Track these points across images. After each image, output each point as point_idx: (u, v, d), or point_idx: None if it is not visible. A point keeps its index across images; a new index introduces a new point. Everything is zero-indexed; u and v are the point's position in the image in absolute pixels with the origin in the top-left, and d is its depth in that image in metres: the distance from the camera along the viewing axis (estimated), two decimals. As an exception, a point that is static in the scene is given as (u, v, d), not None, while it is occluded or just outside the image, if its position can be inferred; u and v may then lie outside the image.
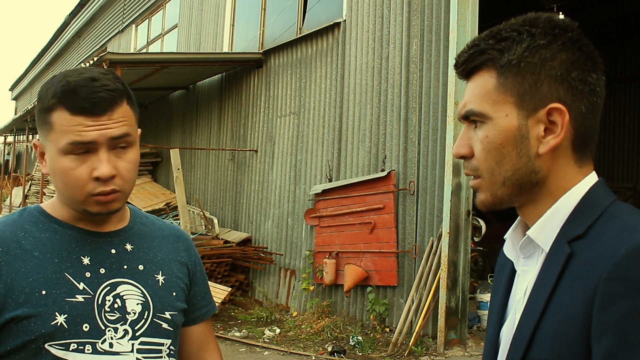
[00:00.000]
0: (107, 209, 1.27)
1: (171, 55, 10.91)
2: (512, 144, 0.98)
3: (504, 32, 1.00)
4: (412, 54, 6.82)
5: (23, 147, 22.79)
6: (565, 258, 0.94)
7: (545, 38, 0.97)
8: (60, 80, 1.24)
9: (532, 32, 0.97)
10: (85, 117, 1.21)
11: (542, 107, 0.97)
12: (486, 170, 1.01)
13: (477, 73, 1.02)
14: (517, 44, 0.97)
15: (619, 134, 12.91)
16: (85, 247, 1.29)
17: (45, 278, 1.22)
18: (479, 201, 1.06)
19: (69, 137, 1.21)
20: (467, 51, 1.03)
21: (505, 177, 1.00)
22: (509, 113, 0.98)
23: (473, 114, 1.01)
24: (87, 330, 1.23)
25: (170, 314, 1.35)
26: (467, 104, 1.02)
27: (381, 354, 6.21)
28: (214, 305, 1.55)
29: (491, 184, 1.02)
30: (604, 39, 12.83)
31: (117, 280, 1.30)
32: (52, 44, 24.62)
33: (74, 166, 1.22)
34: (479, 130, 1.01)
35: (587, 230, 0.94)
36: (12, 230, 1.27)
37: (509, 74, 0.98)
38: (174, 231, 1.50)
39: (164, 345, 1.34)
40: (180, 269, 1.43)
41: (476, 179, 1.04)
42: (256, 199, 9.45)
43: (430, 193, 6.47)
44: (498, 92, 0.98)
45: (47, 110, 1.23)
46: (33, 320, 1.20)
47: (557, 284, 0.94)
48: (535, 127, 0.97)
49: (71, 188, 1.24)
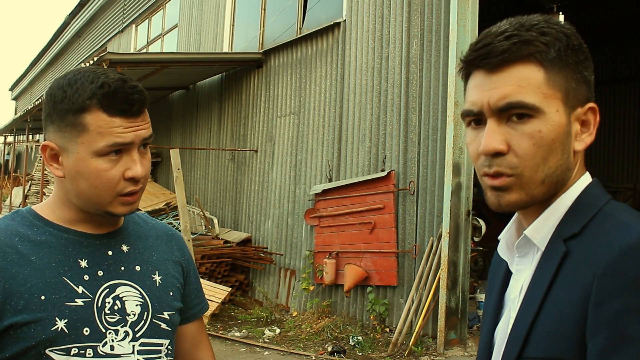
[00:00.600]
0: (131, 210, 1.28)
1: (171, 55, 10.91)
2: (561, 140, 0.96)
3: (542, 26, 0.97)
4: (412, 54, 6.82)
5: (23, 147, 22.80)
6: (561, 256, 0.94)
7: (576, 41, 0.98)
8: (91, 80, 1.21)
9: (565, 32, 0.97)
10: (123, 119, 1.21)
11: (580, 105, 0.98)
12: (530, 167, 0.95)
13: (514, 64, 0.95)
14: (558, 40, 0.96)
15: (619, 134, 12.91)
16: (82, 250, 1.28)
17: (43, 283, 1.21)
18: (509, 201, 0.98)
19: (109, 138, 1.20)
20: (507, 39, 0.95)
21: (547, 174, 0.96)
22: (559, 109, 0.96)
23: (523, 106, 0.94)
24: (88, 334, 1.23)
25: (168, 314, 1.35)
26: (511, 95, 0.95)
27: (381, 354, 6.21)
28: (206, 303, 1.55)
29: (530, 182, 0.96)
30: (604, 39, 12.83)
31: (116, 282, 1.29)
32: (52, 44, 24.62)
33: (108, 167, 1.22)
34: (527, 125, 0.95)
35: (583, 228, 0.95)
36: (7, 235, 1.24)
37: (556, 69, 0.96)
38: (167, 230, 1.49)
39: (163, 345, 1.34)
40: (175, 268, 1.43)
41: (508, 178, 0.96)
42: (256, 199, 9.46)
43: (430, 193, 6.47)
44: (548, 87, 0.95)
45: (79, 111, 1.20)
46: (33, 326, 1.18)
47: (553, 282, 0.94)
48: (574, 125, 0.98)
49: (101, 189, 1.23)
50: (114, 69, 1.28)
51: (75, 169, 1.23)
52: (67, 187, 1.27)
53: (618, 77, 12.93)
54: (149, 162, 1.29)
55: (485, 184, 0.99)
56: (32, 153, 21.51)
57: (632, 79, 12.72)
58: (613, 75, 13.06)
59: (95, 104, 1.20)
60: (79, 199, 1.26)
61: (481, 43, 0.98)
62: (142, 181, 1.26)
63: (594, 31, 12.79)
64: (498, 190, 0.98)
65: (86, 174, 1.22)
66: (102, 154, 1.21)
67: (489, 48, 0.96)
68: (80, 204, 1.27)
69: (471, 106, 0.99)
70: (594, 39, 12.93)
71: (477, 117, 0.99)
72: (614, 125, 13.04)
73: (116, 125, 1.21)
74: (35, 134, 20.59)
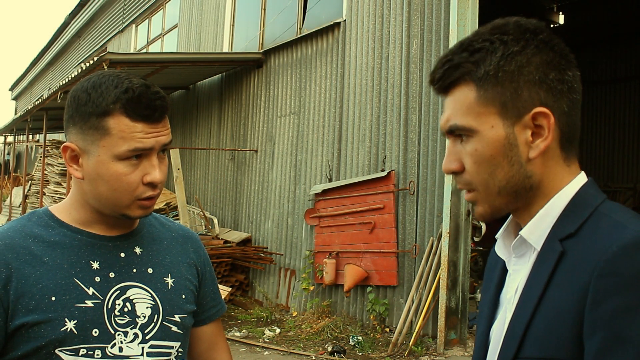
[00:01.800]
0: (146, 213, 1.30)
1: (171, 55, 10.91)
2: (502, 153, 0.98)
3: (475, 43, 0.99)
4: (412, 54, 6.82)
5: (23, 147, 22.80)
6: (557, 256, 0.95)
7: (518, 44, 0.97)
8: (116, 84, 1.22)
9: (504, 39, 0.97)
10: (145, 124, 1.23)
11: (526, 112, 0.97)
12: (480, 184, 1.00)
13: (455, 88, 1.00)
14: (491, 54, 0.97)
15: (619, 134, 12.91)
16: (95, 251, 1.29)
17: (54, 284, 1.22)
18: (477, 214, 1.05)
19: (131, 143, 1.21)
20: (442, 67, 1.01)
21: (500, 187, 0.99)
22: (495, 124, 0.97)
23: (458, 128, 1.00)
24: (97, 335, 1.24)
25: (179, 317, 1.36)
26: (450, 118, 1.01)
27: (381, 354, 6.22)
28: (224, 305, 1.55)
29: (487, 195, 1.01)
30: (604, 39, 12.83)
31: (127, 284, 1.30)
32: (52, 44, 24.62)
33: (128, 171, 1.23)
34: (467, 145, 1.00)
35: (579, 229, 0.95)
36: (22, 236, 1.26)
37: (488, 85, 0.97)
38: (183, 232, 1.50)
39: (173, 348, 1.34)
40: (190, 270, 1.43)
41: (471, 192, 1.03)
42: (256, 199, 9.46)
43: (430, 193, 6.47)
44: (480, 105, 0.98)
45: (102, 114, 1.21)
46: (43, 326, 1.20)
47: (549, 282, 0.95)
48: (522, 133, 0.98)
49: (120, 193, 1.24)
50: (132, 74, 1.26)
51: (96, 172, 1.24)
52: (84, 189, 1.29)
53: (618, 77, 12.93)
54: (167, 167, 1.30)
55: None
56: (32, 153, 21.52)
57: (632, 79, 12.72)
58: (613, 75, 13.06)
59: (119, 108, 1.21)
60: (97, 200, 1.28)
61: (432, 69, 1.04)
62: (159, 186, 1.28)
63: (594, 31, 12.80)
64: (471, 203, 1.06)
65: (106, 177, 1.23)
66: (122, 158, 1.22)
67: (432, 76, 1.03)
68: (98, 205, 1.29)
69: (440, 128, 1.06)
70: (593, 39, 12.94)
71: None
72: (614, 125, 13.04)
73: (138, 130, 1.22)
74: (35, 134, 20.60)
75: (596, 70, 13.15)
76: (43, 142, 13.55)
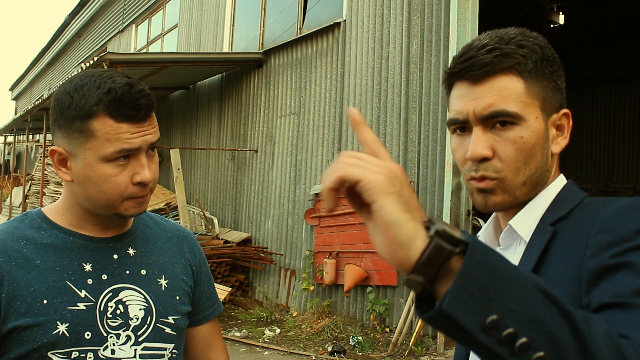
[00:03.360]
0: (139, 211, 1.28)
1: (171, 55, 10.91)
2: (540, 144, 1.04)
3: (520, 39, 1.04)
4: (412, 54, 6.82)
5: (23, 147, 22.81)
6: (549, 236, 0.99)
7: (550, 52, 1.06)
8: (97, 85, 1.21)
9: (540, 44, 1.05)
10: (130, 124, 1.21)
11: (556, 111, 1.06)
12: (512, 171, 1.03)
13: (496, 76, 1.02)
14: (534, 53, 1.03)
15: (619, 134, 12.91)
16: (87, 253, 1.29)
17: (46, 287, 1.22)
18: (495, 202, 1.04)
19: (117, 144, 1.20)
20: (488, 53, 1.02)
21: (528, 176, 1.03)
22: (538, 116, 1.03)
23: (506, 114, 1.01)
24: (89, 337, 1.23)
25: (173, 319, 1.35)
26: (495, 104, 1.01)
27: (381, 354, 6.22)
28: (220, 304, 1.54)
29: (513, 184, 1.03)
30: (604, 39, 12.83)
31: (120, 286, 1.30)
32: (52, 44, 24.62)
33: (116, 172, 1.22)
34: (510, 132, 1.02)
35: (569, 213, 1.01)
36: (14, 238, 1.26)
37: (533, 79, 1.03)
38: (179, 232, 1.49)
39: (167, 349, 1.34)
40: (185, 271, 1.42)
41: (492, 181, 1.03)
42: (256, 199, 9.46)
43: (430, 193, 6.47)
44: (528, 96, 1.02)
45: (86, 117, 1.20)
46: (35, 329, 1.20)
47: (542, 258, 0.98)
48: (551, 130, 1.06)
49: (109, 194, 1.23)
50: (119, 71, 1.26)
51: (84, 174, 1.23)
52: (75, 191, 1.28)
53: (618, 77, 12.94)
54: (157, 165, 1.29)
55: (472, 187, 1.06)
56: (32, 153, 21.52)
57: (632, 79, 12.73)
58: (613, 75, 13.06)
59: (102, 110, 1.19)
60: (88, 202, 1.27)
61: (465, 56, 1.04)
62: (150, 184, 1.27)
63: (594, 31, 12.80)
64: (484, 192, 1.05)
65: (94, 179, 1.23)
66: (110, 160, 1.21)
67: (472, 61, 1.03)
68: (90, 207, 1.28)
69: (457, 115, 1.05)
70: (594, 39, 12.94)
71: (462, 125, 1.05)
72: (614, 125, 13.04)
73: (123, 131, 1.20)
74: (35, 134, 20.61)
75: (596, 70, 13.15)
76: (43, 142, 13.56)
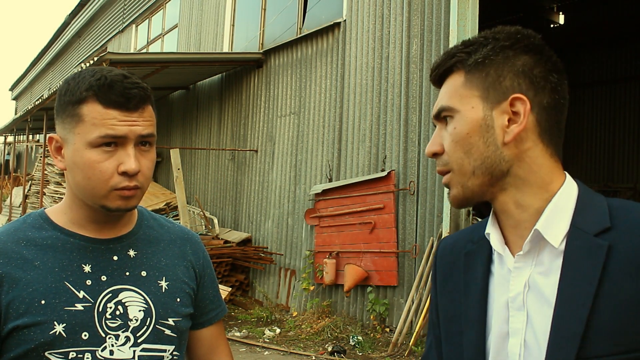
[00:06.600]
0: (127, 205, 1.27)
1: (171, 55, 10.91)
2: (479, 133, 1.03)
3: (472, 39, 1.08)
4: (412, 54, 6.82)
5: (23, 147, 22.81)
6: (606, 250, 0.95)
7: (508, 41, 1.04)
8: (92, 74, 1.24)
9: (497, 37, 1.06)
10: (118, 112, 1.22)
11: (505, 99, 1.02)
12: (455, 162, 1.05)
13: (449, 77, 1.08)
14: (483, 47, 1.05)
15: (619, 134, 12.91)
16: (87, 254, 1.29)
17: (45, 288, 1.23)
18: (451, 197, 1.08)
19: (101, 130, 1.21)
20: (440, 59, 1.10)
21: (475, 166, 1.03)
22: (475, 105, 1.03)
23: (443, 109, 1.07)
24: (87, 338, 1.24)
25: (173, 321, 1.35)
26: (438, 103, 1.08)
27: (381, 354, 6.22)
28: (224, 307, 1.53)
29: (461, 175, 1.05)
30: (604, 39, 12.83)
31: (119, 287, 1.30)
32: (52, 44, 24.63)
33: (100, 159, 1.22)
34: (449, 125, 1.06)
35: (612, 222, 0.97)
36: (14, 240, 1.27)
37: (475, 71, 1.04)
38: (182, 233, 1.48)
39: (167, 351, 1.33)
40: (187, 273, 1.42)
41: (447, 175, 1.07)
42: (256, 199, 9.46)
43: (430, 193, 6.47)
44: (465, 88, 1.05)
45: (77, 102, 1.22)
46: (33, 329, 1.21)
47: (603, 276, 0.94)
48: (500, 118, 1.02)
49: (94, 182, 1.23)
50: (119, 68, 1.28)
51: (72, 160, 1.25)
52: (69, 180, 1.30)
53: (618, 77, 12.93)
54: (151, 162, 1.28)
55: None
56: (32, 153, 21.52)
57: (632, 79, 12.72)
58: (613, 75, 13.06)
59: (92, 95, 1.21)
60: (78, 190, 1.28)
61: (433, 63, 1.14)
62: (139, 178, 1.25)
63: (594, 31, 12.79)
64: (447, 187, 1.09)
65: (80, 164, 1.23)
66: (95, 145, 1.22)
67: (433, 66, 1.12)
68: (81, 196, 1.28)
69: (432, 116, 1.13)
70: (594, 39, 12.94)
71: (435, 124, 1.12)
72: (614, 125, 13.04)
73: (110, 117, 1.21)
74: (35, 134, 20.61)
75: (596, 70, 13.15)
76: (43, 142, 13.56)
